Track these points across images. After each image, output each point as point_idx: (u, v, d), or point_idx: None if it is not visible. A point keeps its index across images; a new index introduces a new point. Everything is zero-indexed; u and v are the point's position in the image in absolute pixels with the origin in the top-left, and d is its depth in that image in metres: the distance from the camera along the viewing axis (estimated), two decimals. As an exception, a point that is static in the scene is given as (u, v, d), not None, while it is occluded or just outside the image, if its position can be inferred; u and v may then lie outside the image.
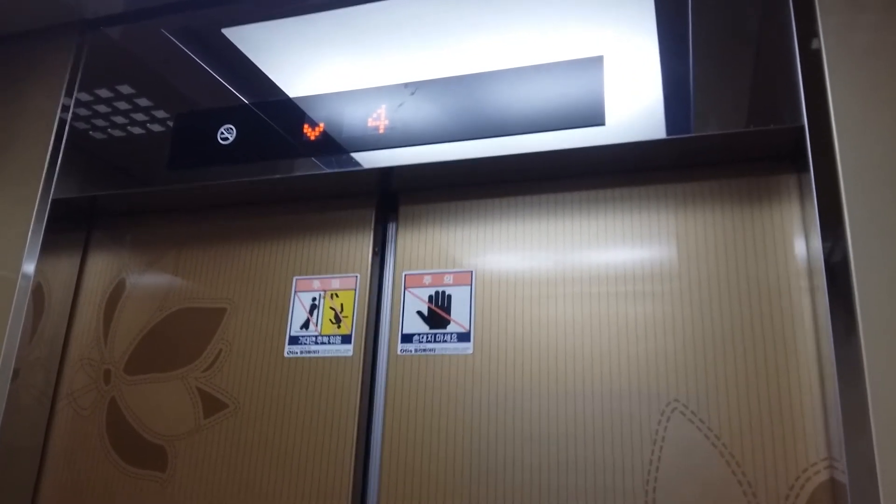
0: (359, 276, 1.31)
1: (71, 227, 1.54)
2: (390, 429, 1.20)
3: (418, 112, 1.22)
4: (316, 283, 1.33)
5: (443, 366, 1.20)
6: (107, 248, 1.54)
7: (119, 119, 1.47)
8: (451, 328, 1.21)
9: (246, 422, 1.30)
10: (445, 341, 1.21)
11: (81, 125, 1.49)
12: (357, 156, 1.24)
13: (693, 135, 1.07)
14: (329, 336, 1.28)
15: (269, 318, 1.35)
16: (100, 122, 1.48)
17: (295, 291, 1.35)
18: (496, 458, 1.13)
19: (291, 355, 1.31)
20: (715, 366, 1.07)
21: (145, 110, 1.45)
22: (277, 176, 1.30)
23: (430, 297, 1.24)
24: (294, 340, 1.31)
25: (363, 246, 1.33)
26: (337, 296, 1.30)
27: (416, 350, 1.22)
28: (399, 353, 1.23)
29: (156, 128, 1.43)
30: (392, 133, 1.22)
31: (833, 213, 0.98)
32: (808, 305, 1.06)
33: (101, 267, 1.53)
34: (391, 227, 1.37)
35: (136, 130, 1.44)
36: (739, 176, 1.15)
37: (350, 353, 1.27)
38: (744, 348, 1.07)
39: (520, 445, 1.12)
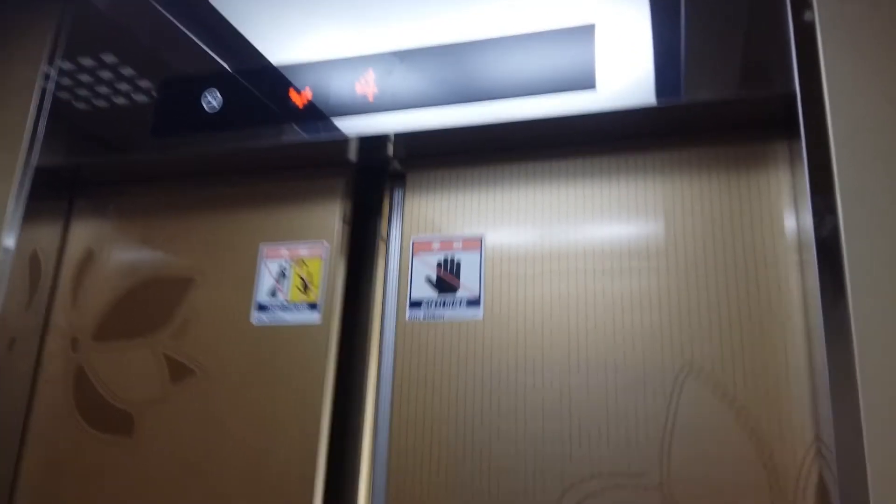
0: (327, 243, 1.29)
1: (53, 195, 1.51)
2: (399, 394, 1.18)
3: (407, 79, 1.20)
4: (283, 251, 1.31)
5: (452, 332, 1.18)
6: (84, 217, 1.50)
7: (102, 89, 1.44)
8: (460, 294, 1.19)
9: (213, 388, 1.28)
10: (455, 307, 1.19)
11: (64, 95, 1.47)
12: (350, 122, 1.22)
13: (683, 101, 1.07)
14: (296, 303, 1.27)
15: (237, 285, 1.33)
16: (83, 92, 1.46)
17: (262, 258, 1.33)
18: (508, 424, 1.11)
19: (259, 322, 1.29)
20: (731, 333, 1.06)
21: (129, 80, 1.43)
22: (250, 145, 1.28)
23: (439, 263, 1.22)
24: (261, 307, 1.29)
25: (332, 213, 1.31)
26: (305, 263, 1.29)
27: (424, 316, 1.20)
28: (407, 319, 1.21)
29: (140, 98, 1.41)
30: (381, 99, 1.20)
31: (824, 180, 0.98)
32: (797, 274, 1.06)
33: (79, 235, 1.49)
34: (398, 194, 1.34)
35: (120, 100, 1.42)
36: (731, 144, 1.14)
37: (318, 321, 1.25)
38: (759, 317, 1.06)
39: (531, 413, 1.11)
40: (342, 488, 1.23)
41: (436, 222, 1.26)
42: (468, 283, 1.19)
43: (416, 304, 1.21)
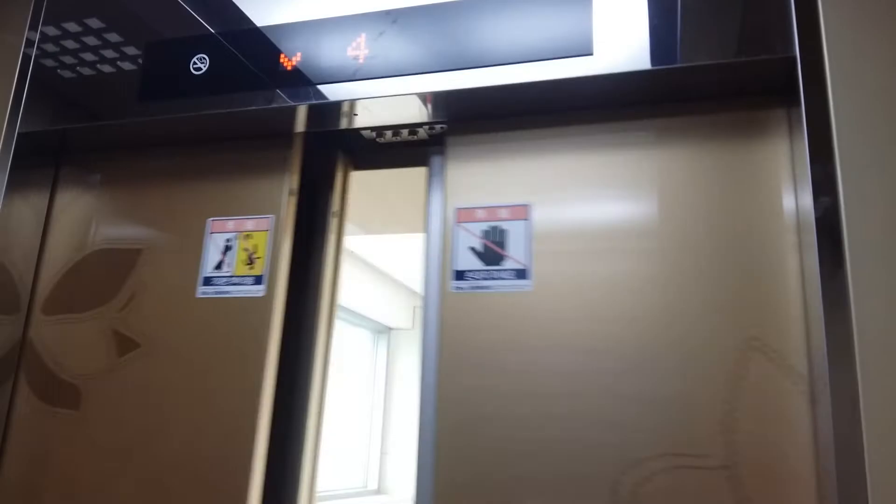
0: (273, 216, 1.27)
1: (38, 163, 1.49)
2: (444, 366, 1.13)
3: (400, 41, 1.16)
4: (229, 224, 1.30)
5: (500, 303, 1.13)
6: (68, 185, 1.49)
7: (88, 56, 1.41)
8: (507, 264, 1.14)
9: (157, 361, 1.28)
10: (502, 278, 1.13)
11: (49, 62, 1.44)
12: (343, 87, 1.20)
13: (680, 65, 1.04)
14: (241, 277, 1.26)
15: (183, 258, 1.32)
16: (67, 59, 1.43)
17: (208, 232, 1.31)
18: (560, 400, 1.06)
19: (204, 296, 1.28)
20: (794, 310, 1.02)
21: (115, 46, 1.40)
22: (197, 114, 1.27)
23: (485, 233, 1.17)
24: (207, 281, 1.29)
25: (279, 186, 1.30)
26: (250, 237, 1.28)
27: (470, 287, 1.15)
28: (452, 290, 1.16)
29: (126, 65, 1.38)
30: (373, 62, 1.17)
31: (823, 146, 0.96)
32: (794, 246, 1.04)
33: (63, 203, 1.47)
34: (437, 161, 1.29)
35: (106, 68, 1.39)
36: (728, 111, 1.12)
37: (262, 294, 1.24)
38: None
39: (586, 390, 1.06)
40: (285, 463, 1.25)
41: (478, 189, 1.20)
42: (515, 253, 1.14)
43: (460, 275, 1.16)
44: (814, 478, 0.95)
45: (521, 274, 1.13)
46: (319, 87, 1.19)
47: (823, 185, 0.95)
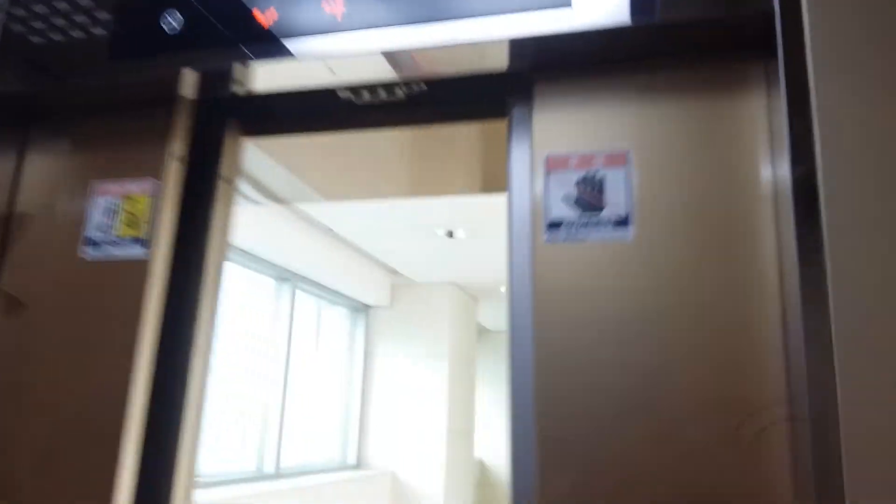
0: (157, 180, 1.28)
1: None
2: (540, 321, 1.06)
3: (377, -5, 1.13)
4: (113, 187, 1.30)
5: (598, 254, 1.06)
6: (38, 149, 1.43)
7: (59, 21, 1.36)
8: (605, 214, 1.06)
9: (40, 321, 1.27)
10: (600, 228, 1.06)
11: (18, 27, 1.38)
12: (321, 44, 1.14)
13: (658, 20, 1.02)
14: (124, 238, 1.27)
15: (70, 220, 1.31)
16: (37, 23, 1.37)
17: (93, 194, 1.31)
18: (668, 348, 1.00)
19: (88, 257, 1.28)
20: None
21: (84, 10, 1.34)
22: (85, 83, 1.26)
23: (579, 181, 1.09)
24: (91, 242, 1.29)
25: (164, 150, 1.30)
26: (134, 199, 1.28)
27: (565, 238, 1.08)
28: (545, 241, 1.08)
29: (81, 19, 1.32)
30: (350, 19, 1.12)
31: (801, 100, 0.93)
32: (771, 208, 1.01)
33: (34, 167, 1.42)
34: (521, 109, 1.19)
35: (77, 34, 1.34)
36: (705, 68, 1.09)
37: (144, 255, 1.24)
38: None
39: (691, 342, 1.00)
40: (165, 428, 1.23)
41: (570, 136, 1.12)
42: (614, 201, 1.07)
43: (555, 225, 1.08)
44: None
45: (621, 223, 1.06)
46: (293, 44, 1.15)
47: (801, 140, 0.92)
